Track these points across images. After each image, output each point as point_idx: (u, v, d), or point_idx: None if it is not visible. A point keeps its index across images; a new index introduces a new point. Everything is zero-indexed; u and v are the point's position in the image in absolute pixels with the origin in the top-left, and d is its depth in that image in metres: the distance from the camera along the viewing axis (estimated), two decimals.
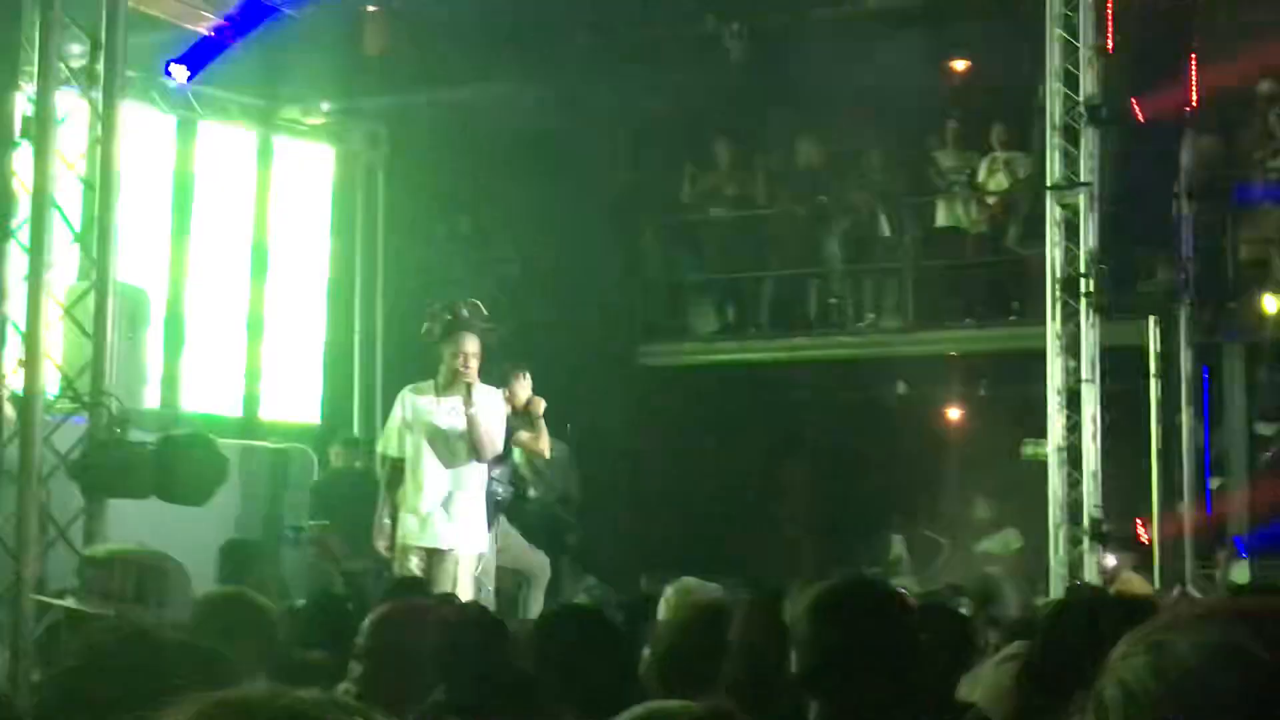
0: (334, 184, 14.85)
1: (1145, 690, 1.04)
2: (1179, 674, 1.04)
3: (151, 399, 12.26)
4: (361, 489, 12.94)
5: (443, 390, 9.12)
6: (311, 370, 14.64)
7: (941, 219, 15.58)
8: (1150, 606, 5.14)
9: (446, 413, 9.05)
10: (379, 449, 9.74)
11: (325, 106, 14.32)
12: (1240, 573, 12.40)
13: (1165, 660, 1.04)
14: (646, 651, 4.74)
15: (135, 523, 8.30)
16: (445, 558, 8.68)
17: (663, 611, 5.18)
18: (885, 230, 15.57)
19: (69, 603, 3.90)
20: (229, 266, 13.91)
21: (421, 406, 9.13)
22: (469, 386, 8.92)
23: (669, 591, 5.31)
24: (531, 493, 11.33)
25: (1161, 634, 1.06)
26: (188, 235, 13.38)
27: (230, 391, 13.71)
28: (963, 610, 7.58)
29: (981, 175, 15.27)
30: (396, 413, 9.24)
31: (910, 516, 15.49)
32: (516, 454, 10.72)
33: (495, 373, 10.31)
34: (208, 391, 13.59)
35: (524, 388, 10.68)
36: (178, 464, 6.46)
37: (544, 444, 10.50)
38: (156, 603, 3.76)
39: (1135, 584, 10.98)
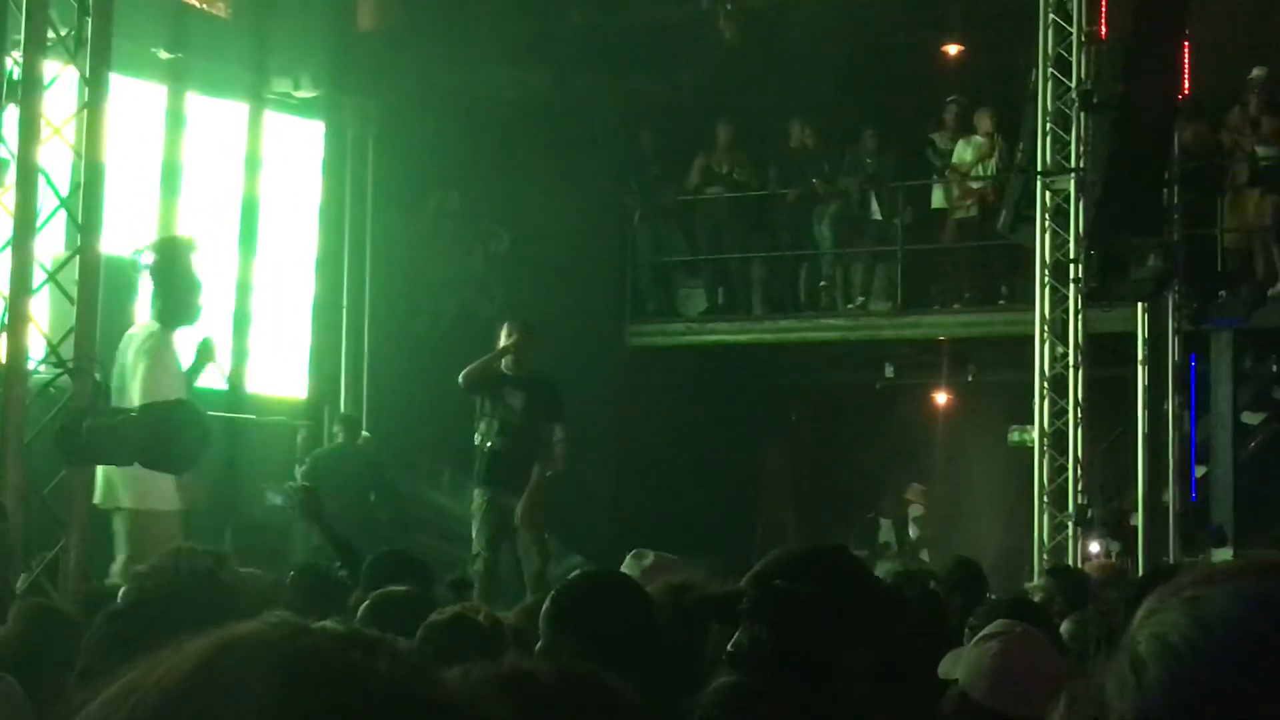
0: (324, 159, 14.79)
1: (1186, 640, 1.02)
2: (1221, 623, 1.03)
3: None
4: (356, 466, 12.95)
5: None
6: (299, 345, 14.61)
7: (937, 202, 15.59)
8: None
9: None
10: None
11: (315, 82, 14.28)
12: (1224, 558, 12.42)
13: (1204, 610, 1.03)
14: None
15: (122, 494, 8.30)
16: None
17: None
18: (876, 214, 15.56)
19: None
20: (217, 240, 13.85)
21: None
22: None
23: (628, 560, 5.28)
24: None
25: (1195, 589, 1.05)
26: (176, 208, 13.32)
27: (217, 364, 13.66)
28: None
29: (969, 158, 15.26)
30: None
31: (897, 501, 15.52)
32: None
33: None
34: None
35: (506, 335, 10.86)
36: (163, 432, 6.43)
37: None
38: None
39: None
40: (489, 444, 10.88)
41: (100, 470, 7.67)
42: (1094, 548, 12.08)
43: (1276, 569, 1.06)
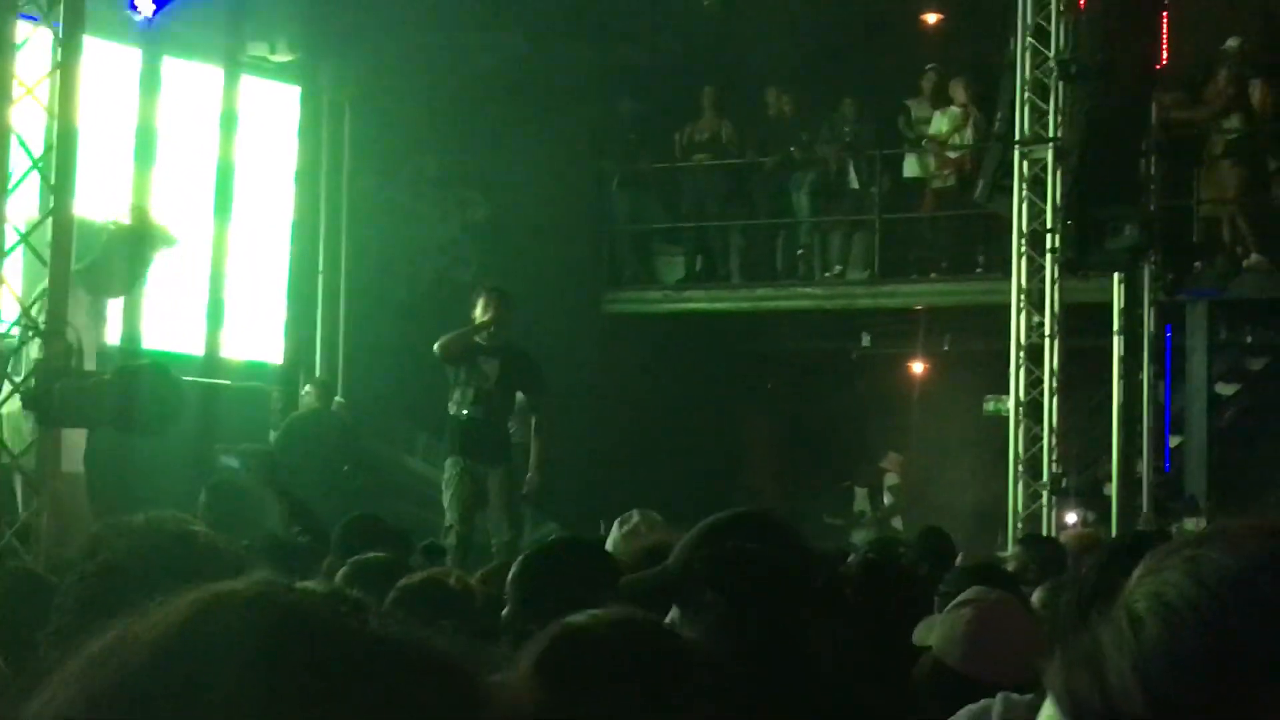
0: (300, 123, 14.72)
1: (1185, 598, 1.02)
2: (1221, 580, 1.02)
3: (112, 337, 12.19)
4: (329, 431, 12.93)
5: None
6: (274, 309, 14.56)
7: (910, 171, 15.59)
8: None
9: None
10: None
11: (291, 46, 14.19)
12: (1195, 528, 12.48)
13: (1204, 569, 1.03)
14: None
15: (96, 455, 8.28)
16: None
17: (611, 545, 5.15)
18: (854, 182, 15.55)
19: None
20: (192, 204, 13.79)
21: None
22: None
23: (615, 525, 5.26)
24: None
25: (1194, 549, 1.05)
26: (151, 172, 13.24)
27: (192, 329, 13.61)
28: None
29: (945, 128, 15.26)
30: None
31: (873, 469, 15.55)
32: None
33: None
34: (169, 329, 13.49)
35: (484, 308, 10.76)
36: (135, 394, 6.41)
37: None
38: None
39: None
40: (463, 413, 10.82)
41: (5, 426, 7.64)
42: (1070, 518, 12.12)
43: (1276, 532, 1.06)
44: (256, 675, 0.89)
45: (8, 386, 6.46)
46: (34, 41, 6.82)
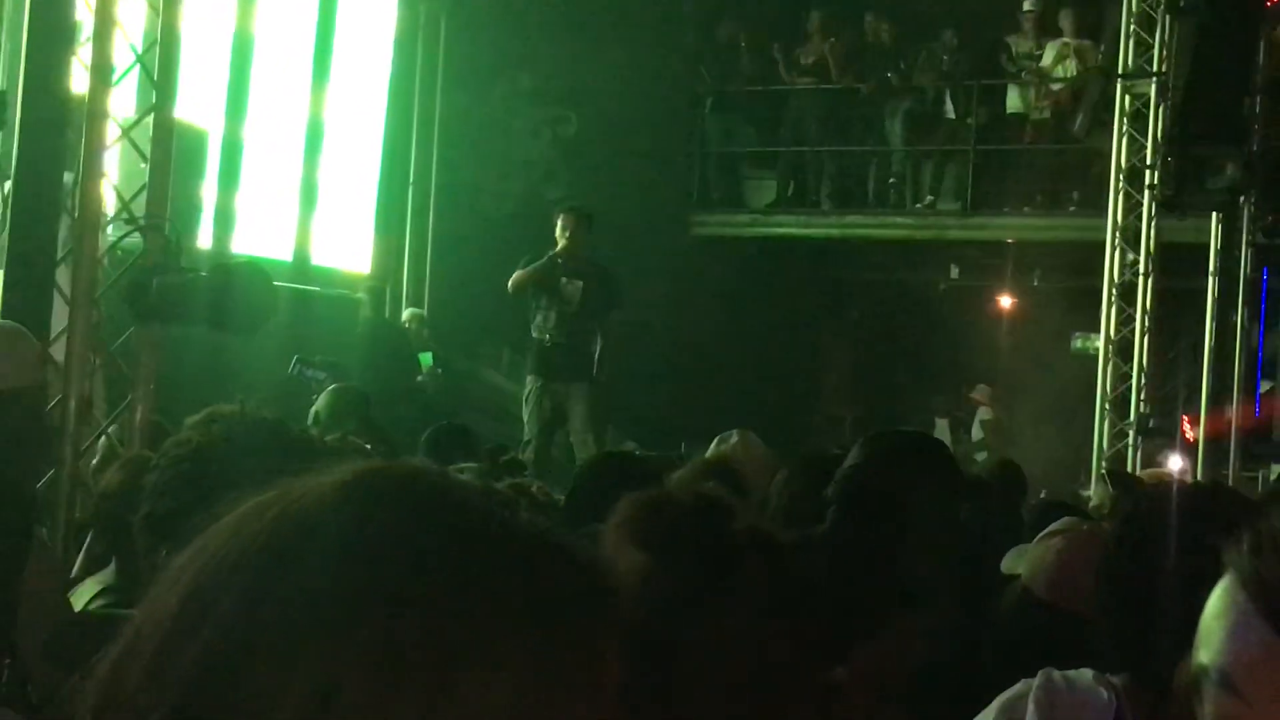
0: (396, 35, 14.71)
1: None
2: None
3: (204, 240, 12.28)
4: (383, 339, 12.93)
5: None
6: (364, 220, 14.62)
7: (1013, 106, 15.38)
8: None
9: None
10: None
11: None
12: None
13: None
14: None
15: (189, 355, 8.37)
16: None
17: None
18: (950, 113, 15.37)
19: None
20: (287, 112, 13.84)
21: None
22: None
23: (731, 440, 5.24)
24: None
25: None
26: (248, 79, 13.29)
27: (282, 236, 13.69)
28: None
29: (1049, 61, 15.03)
30: None
31: (955, 400, 15.45)
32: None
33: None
34: (259, 235, 13.57)
35: (561, 229, 10.70)
36: (230, 293, 6.43)
37: None
38: None
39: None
40: (545, 338, 10.81)
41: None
42: (1175, 462, 11.91)
43: None
44: (410, 545, 0.90)
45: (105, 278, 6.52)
46: None
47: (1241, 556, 1.04)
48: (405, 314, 13.65)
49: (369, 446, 5.95)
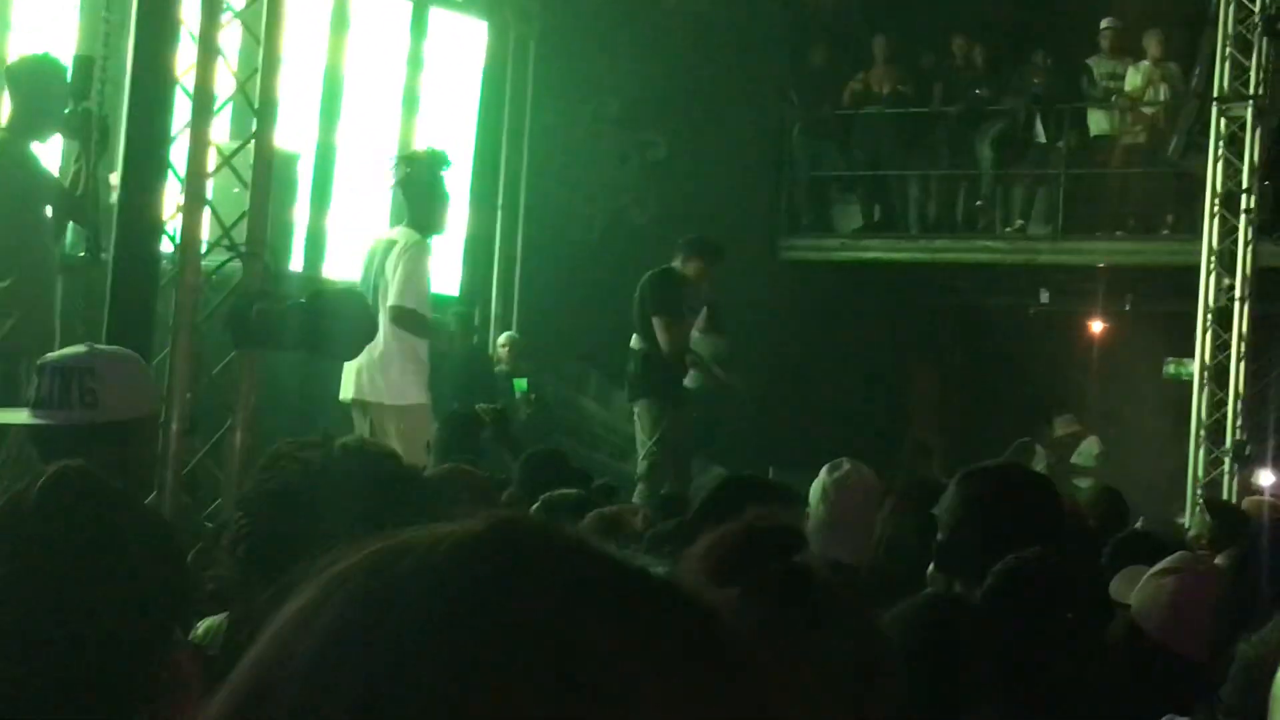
0: (486, 58, 14.80)
1: None
2: None
3: (295, 263, 12.39)
4: (464, 362, 12.90)
5: None
6: (453, 242, 14.68)
7: (1096, 127, 15.25)
8: None
9: None
10: None
11: None
12: None
13: None
14: None
15: (284, 377, 8.45)
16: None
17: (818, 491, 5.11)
18: (1040, 135, 15.26)
19: None
20: (378, 135, 13.95)
21: None
22: None
23: (823, 471, 5.20)
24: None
25: None
26: (339, 102, 13.41)
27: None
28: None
29: (1136, 83, 14.88)
30: None
31: (1046, 427, 15.28)
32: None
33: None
34: (350, 259, 13.67)
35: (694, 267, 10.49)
36: (327, 319, 6.49)
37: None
38: None
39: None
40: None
41: (357, 368, 8.37)
42: (1267, 478, 11.76)
43: None
44: (543, 601, 0.81)
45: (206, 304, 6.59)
46: None
47: None
48: (501, 338, 13.67)
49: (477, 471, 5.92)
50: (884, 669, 2.11)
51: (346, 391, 8.70)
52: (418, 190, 8.96)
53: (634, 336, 10.18)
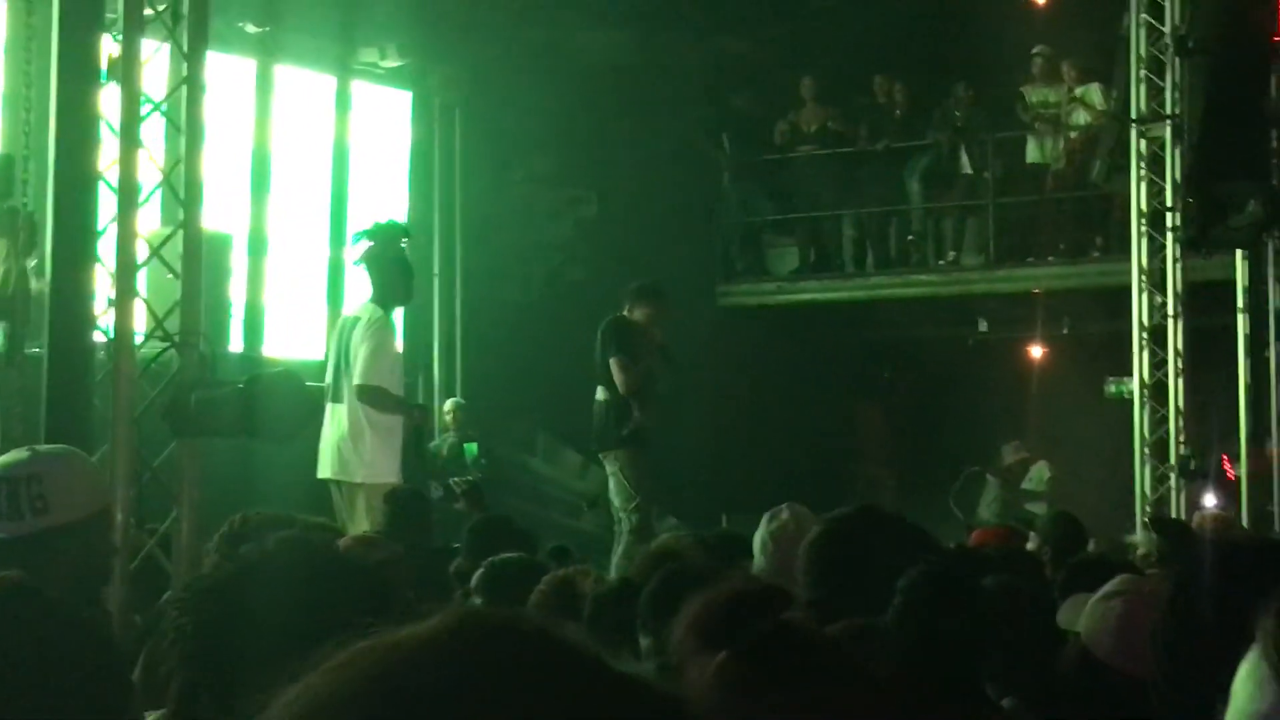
0: (412, 128, 14.85)
1: None
2: None
3: (234, 344, 12.36)
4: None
5: None
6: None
7: (1032, 156, 15.40)
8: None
9: None
10: None
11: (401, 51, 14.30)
12: None
13: None
14: None
15: (226, 463, 8.40)
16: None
17: (759, 541, 5.13)
18: (966, 167, 15.41)
19: None
20: (308, 211, 13.97)
21: None
22: None
23: (780, 518, 5.20)
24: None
25: None
26: (268, 180, 13.43)
27: (312, 335, 13.76)
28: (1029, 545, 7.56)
29: (1056, 100, 15.08)
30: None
31: (994, 455, 15.34)
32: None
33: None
34: (289, 336, 13.66)
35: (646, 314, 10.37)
36: (265, 402, 6.49)
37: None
38: None
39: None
40: (637, 415, 10.21)
41: (331, 446, 8.47)
42: (1209, 500, 11.87)
43: None
44: (516, 701, 0.86)
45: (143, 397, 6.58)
46: (156, 59, 6.92)
47: (1269, 619, 1.04)
48: (446, 405, 13.66)
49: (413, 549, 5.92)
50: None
51: (323, 470, 8.74)
52: (379, 265, 9.01)
53: (598, 389, 9.93)
